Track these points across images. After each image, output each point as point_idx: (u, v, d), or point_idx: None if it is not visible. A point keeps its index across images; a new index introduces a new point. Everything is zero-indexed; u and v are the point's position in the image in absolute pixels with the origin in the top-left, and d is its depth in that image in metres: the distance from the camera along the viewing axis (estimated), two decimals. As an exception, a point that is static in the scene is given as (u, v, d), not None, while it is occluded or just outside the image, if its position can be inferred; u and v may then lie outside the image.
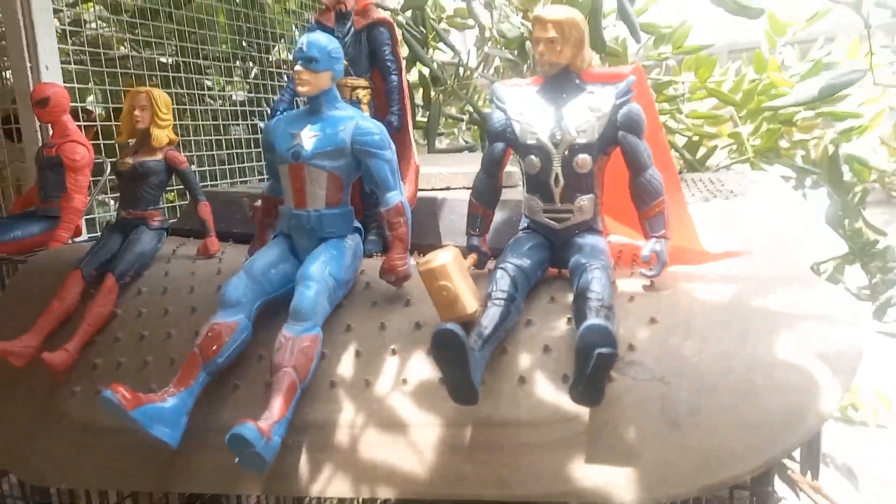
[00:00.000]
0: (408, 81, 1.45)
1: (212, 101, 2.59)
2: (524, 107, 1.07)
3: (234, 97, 2.74)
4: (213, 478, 1.02)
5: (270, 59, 2.80)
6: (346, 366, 1.04)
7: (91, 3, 2.37)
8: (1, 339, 1.23)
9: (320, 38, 1.11)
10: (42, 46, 1.72)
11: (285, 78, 2.81)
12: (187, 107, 2.29)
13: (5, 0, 1.71)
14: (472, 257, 1.11)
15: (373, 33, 1.40)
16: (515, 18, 3.64)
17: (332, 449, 0.97)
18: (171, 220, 1.46)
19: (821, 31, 2.76)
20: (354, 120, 1.11)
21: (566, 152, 1.03)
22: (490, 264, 1.13)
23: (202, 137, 2.34)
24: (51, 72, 1.75)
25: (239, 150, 2.48)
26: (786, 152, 2.97)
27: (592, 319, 0.81)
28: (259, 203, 1.26)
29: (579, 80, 1.05)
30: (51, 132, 1.62)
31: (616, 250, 1.23)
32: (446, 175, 1.75)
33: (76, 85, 1.85)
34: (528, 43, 3.55)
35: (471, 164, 1.97)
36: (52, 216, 1.59)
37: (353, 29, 1.40)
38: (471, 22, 3.61)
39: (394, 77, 1.42)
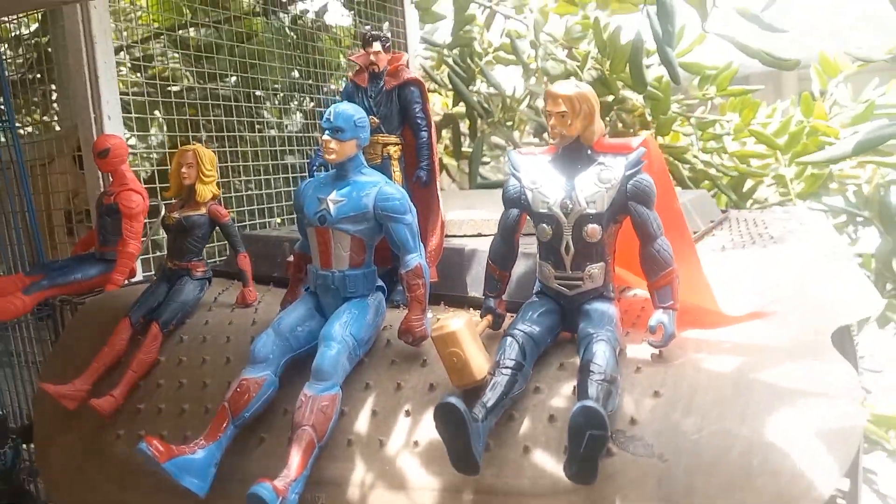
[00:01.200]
0: (438, 132, 1.51)
1: (267, 131, 2.72)
2: (537, 175, 1.10)
3: (288, 128, 2.87)
4: (239, 525, 1.09)
5: (326, 90, 2.92)
6: (362, 424, 1.09)
7: (159, 40, 2.53)
8: (60, 376, 1.35)
9: (346, 108, 1.17)
10: (105, 98, 1.86)
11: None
12: (246, 136, 2.41)
13: (73, 55, 1.86)
14: (488, 319, 1.15)
15: (404, 92, 1.46)
16: (560, 54, 3.68)
17: (345, 506, 1.02)
18: (220, 260, 1.54)
19: (878, 67, 2.69)
20: (378, 186, 1.16)
21: (576, 222, 1.06)
22: (507, 322, 1.17)
23: (261, 176, 2.46)
24: (113, 122, 1.88)
25: (287, 187, 2.59)
26: (836, 190, 2.93)
27: (585, 401, 0.84)
28: (291, 259, 1.34)
29: (591, 151, 1.08)
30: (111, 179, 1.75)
31: (638, 307, 1.25)
32: (478, 221, 1.79)
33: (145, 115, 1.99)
34: (572, 79, 3.58)
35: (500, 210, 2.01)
36: (109, 259, 1.71)
37: (384, 88, 1.46)
38: (513, 57, 3.68)
39: (423, 133, 1.47)
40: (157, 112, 2.39)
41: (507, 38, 3.94)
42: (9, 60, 2.12)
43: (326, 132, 1.16)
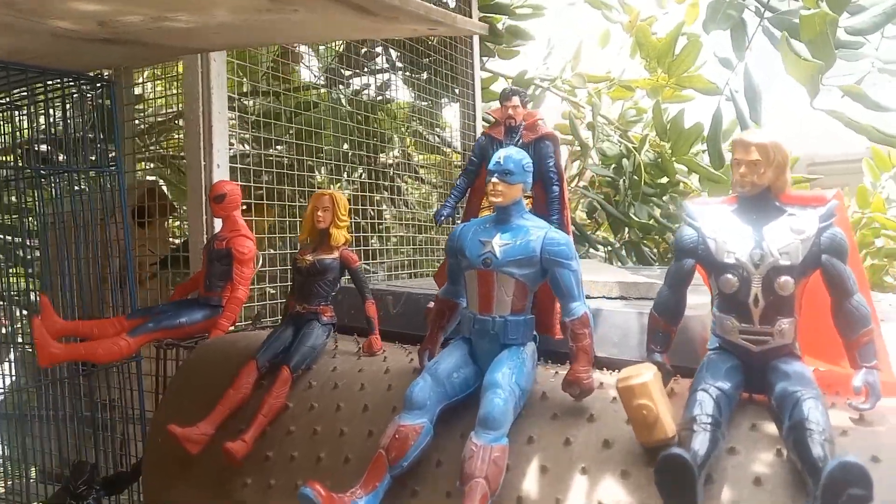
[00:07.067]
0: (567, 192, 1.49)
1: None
2: (719, 224, 1.06)
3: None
4: (391, 587, 1.00)
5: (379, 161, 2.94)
6: (531, 481, 1.01)
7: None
8: (174, 418, 1.28)
9: (514, 152, 1.16)
10: (217, 147, 1.87)
11: (396, 180, 2.99)
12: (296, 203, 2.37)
13: (189, 104, 1.88)
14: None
15: (539, 146, 1.46)
16: (615, 137, 3.78)
17: (523, 569, 0.93)
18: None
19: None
20: (544, 230, 1.13)
21: (767, 273, 1.01)
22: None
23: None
24: (221, 170, 1.88)
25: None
26: (890, 286, 2.94)
27: (846, 457, 0.77)
28: (432, 304, 1.29)
29: (779, 203, 1.05)
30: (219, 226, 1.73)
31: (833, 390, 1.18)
32: (586, 283, 1.75)
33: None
34: (625, 161, 3.67)
35: (601, 273, 1.97)
36: (213, 304, 1.67)
37: (521, 142, 1.46)
38: (569, 137, 3.78)
39: (555, 188, 1.46)
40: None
41: (563, 119, 4.05)
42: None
43: (495, 175, 1.14)
